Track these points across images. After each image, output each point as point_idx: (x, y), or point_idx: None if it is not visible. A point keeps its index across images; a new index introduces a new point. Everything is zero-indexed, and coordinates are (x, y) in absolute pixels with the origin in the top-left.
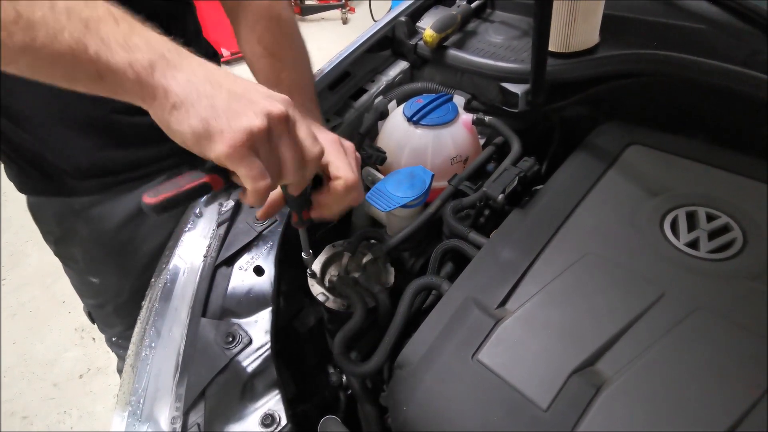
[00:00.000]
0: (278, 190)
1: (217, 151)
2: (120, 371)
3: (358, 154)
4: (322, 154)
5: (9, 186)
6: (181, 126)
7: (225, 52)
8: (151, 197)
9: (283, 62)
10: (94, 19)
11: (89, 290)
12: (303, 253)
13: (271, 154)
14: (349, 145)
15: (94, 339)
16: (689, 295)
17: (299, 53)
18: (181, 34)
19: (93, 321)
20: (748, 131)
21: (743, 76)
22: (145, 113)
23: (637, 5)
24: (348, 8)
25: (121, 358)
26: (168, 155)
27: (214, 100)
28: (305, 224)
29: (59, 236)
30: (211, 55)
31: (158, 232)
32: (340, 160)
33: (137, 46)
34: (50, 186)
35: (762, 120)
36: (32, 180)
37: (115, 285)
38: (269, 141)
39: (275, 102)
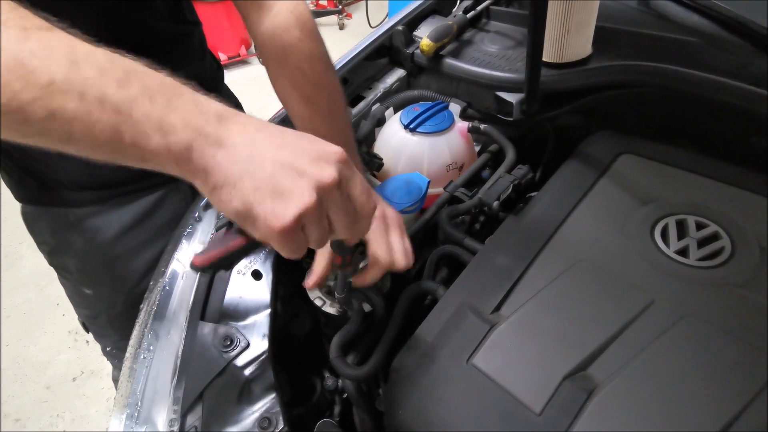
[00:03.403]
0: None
1: (263, 234)
2: (115, 380)
3: (401, 220)
4: (373, 210)
5: (5, 189)
6: (223, 206)
7: (222, 56)
8: (199, 258)
9: (318, 108)
10: (127, 102)
11: (83, 301)
12: (336, 292)
13: (321, 221)
14: (393, 217)
15: (87, 342)
16: (679, 302)
17: (334, 97)
18: (188, 53)
19: (87, 330)
20: (737, 142)
21: (732, 88)
22: None
23: (630, 18)
24: (345, 14)
25: (117, 368)
26: None
27: (257, 179)
28: (345, 268)
29: (53, 247)
30: (216, 68)
31: (153, 246)
32: (378, 239)
33: (173, 127)
34: (46, 196)
35: (750, 131)
36: (28, 189)
37: (109, 297)
38: (320, 212)
39: (325, 167)
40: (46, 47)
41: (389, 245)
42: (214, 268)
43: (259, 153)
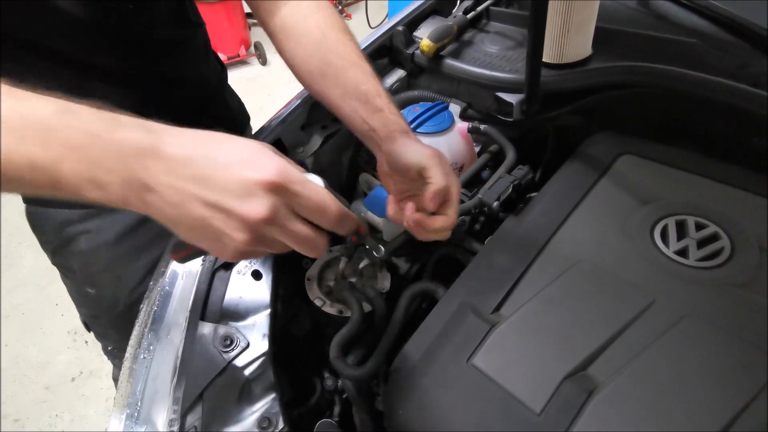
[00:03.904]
0: None
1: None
2: (116, 379)
3: (458, 181)
4: (336, 213)
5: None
6: (177, 236)
7: (221, 56)
8: (174, 254)
9: (362, 69)
10: (53, 164)
11: (85, 300)
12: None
13: (273, 242)
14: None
15: (86, 342)
16: (679, 302)
17: (366, 69)
18: (192, 56)
19: (89, 330)
20: (737, 142)
21: (732, 89)
22: None
23: (629, 19)
24: (344, 14)
25: (117, 367)
26: None
27: (189, 222)
28: (364, 238)
29: (57, 246)
30: (220, 70)
31: (155, 247)
32: (435, 168)
33: (103, 183)
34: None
35: (750, 131)
36: None
37: (111, 297)
38: (261, 240)
39: (254, 202)
40: None
41: (445, 173)
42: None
43: (186, 196)
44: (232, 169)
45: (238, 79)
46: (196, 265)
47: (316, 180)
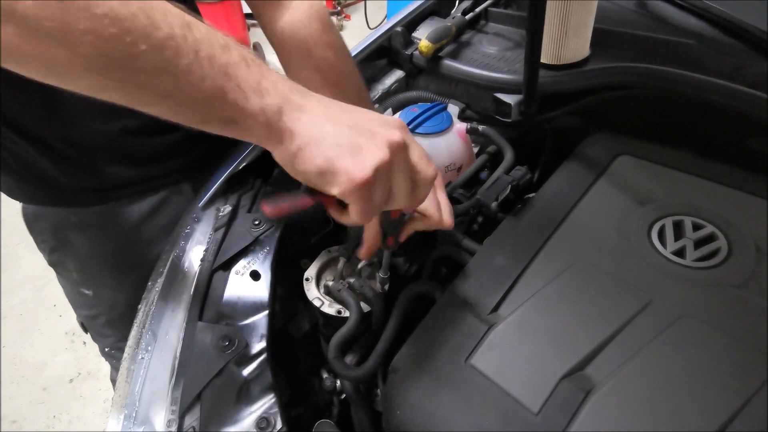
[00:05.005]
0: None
1: (341, 188)
2: (113, 381)
3: (441, 178)
4: (435, 176)
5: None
6: (306, 165)
7: None
8: (270, 208)
9: (345, 93)
10: (232, 65)
11: (82, 302)
12: (380, 272)
13: (389, 182)
14: (438, 175)
15: (84, 343)
16: (676, 302)
17: (357, 80)
18: None
19: (86, 331)
20: (734, 143)
21: (729, 90)
22: (156, 135)
23: (627, 20)
24: (344, 15)
25: (115, 368)
26: (172, 172)
27: (337, 138)
28: (392, 248)
29: (54, 246)
30: None
31: (154, 247)
32: (429, 196)
33: (267, 91)
34: (48, 196)
35: (747, 133)
36: (30, 188)
37: (109, 298)
38: (390, 171)
39: (393, 129)
40: (164, 7)
41: (438, 202)
42: (282, 222)
43: (336, 117)
44: (369, 112)
45: None
46: (195, 264)
47: None
